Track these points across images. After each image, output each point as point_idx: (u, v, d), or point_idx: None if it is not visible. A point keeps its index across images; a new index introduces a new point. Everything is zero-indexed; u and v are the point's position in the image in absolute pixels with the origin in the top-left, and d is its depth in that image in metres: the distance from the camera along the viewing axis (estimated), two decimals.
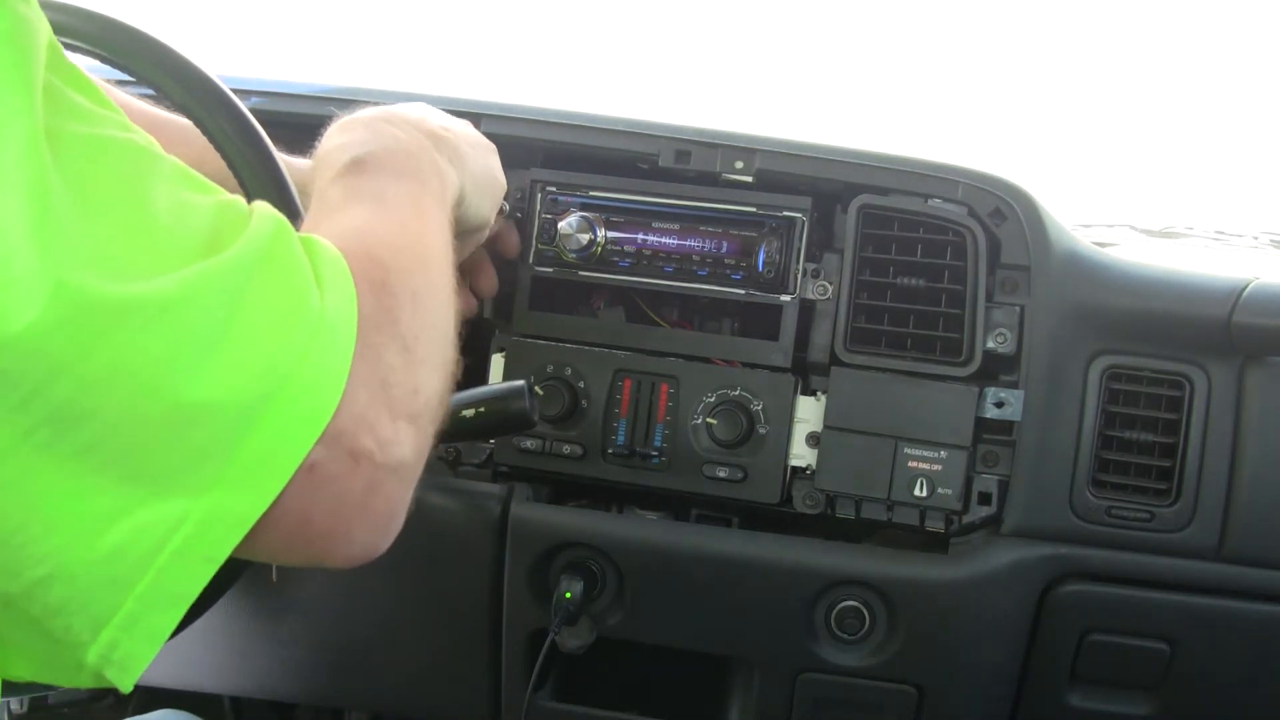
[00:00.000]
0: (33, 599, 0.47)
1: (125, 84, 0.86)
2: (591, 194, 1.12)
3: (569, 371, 1.11)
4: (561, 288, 1.14)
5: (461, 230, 0.87)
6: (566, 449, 1.11)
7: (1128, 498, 1.06)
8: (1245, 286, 1.03)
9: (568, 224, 1.10)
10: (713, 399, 1.09)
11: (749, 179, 1.10)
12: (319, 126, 0.78)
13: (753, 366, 1.09)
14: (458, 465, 1.16)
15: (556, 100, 1.16)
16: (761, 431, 1.08)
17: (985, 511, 1.06)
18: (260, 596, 1.19)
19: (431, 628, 1.19)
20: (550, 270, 1.13)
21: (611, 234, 1.11)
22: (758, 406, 1.08)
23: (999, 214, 1.07)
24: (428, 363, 0.60)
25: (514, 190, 1.14)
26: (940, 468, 1.05)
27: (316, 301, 0.52)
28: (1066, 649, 1.10)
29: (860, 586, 1.08)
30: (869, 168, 1.09)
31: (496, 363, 1.14)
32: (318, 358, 0.52)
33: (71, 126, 0.48)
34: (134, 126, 0.52)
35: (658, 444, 1.10)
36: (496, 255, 1.14)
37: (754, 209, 1.09)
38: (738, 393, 1.08)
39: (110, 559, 0.47)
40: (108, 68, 0.80)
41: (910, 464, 1.06)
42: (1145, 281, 1.08)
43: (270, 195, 0.76)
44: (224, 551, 0.49)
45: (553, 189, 1.13)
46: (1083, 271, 1.07)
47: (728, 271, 1.09)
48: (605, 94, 2.05)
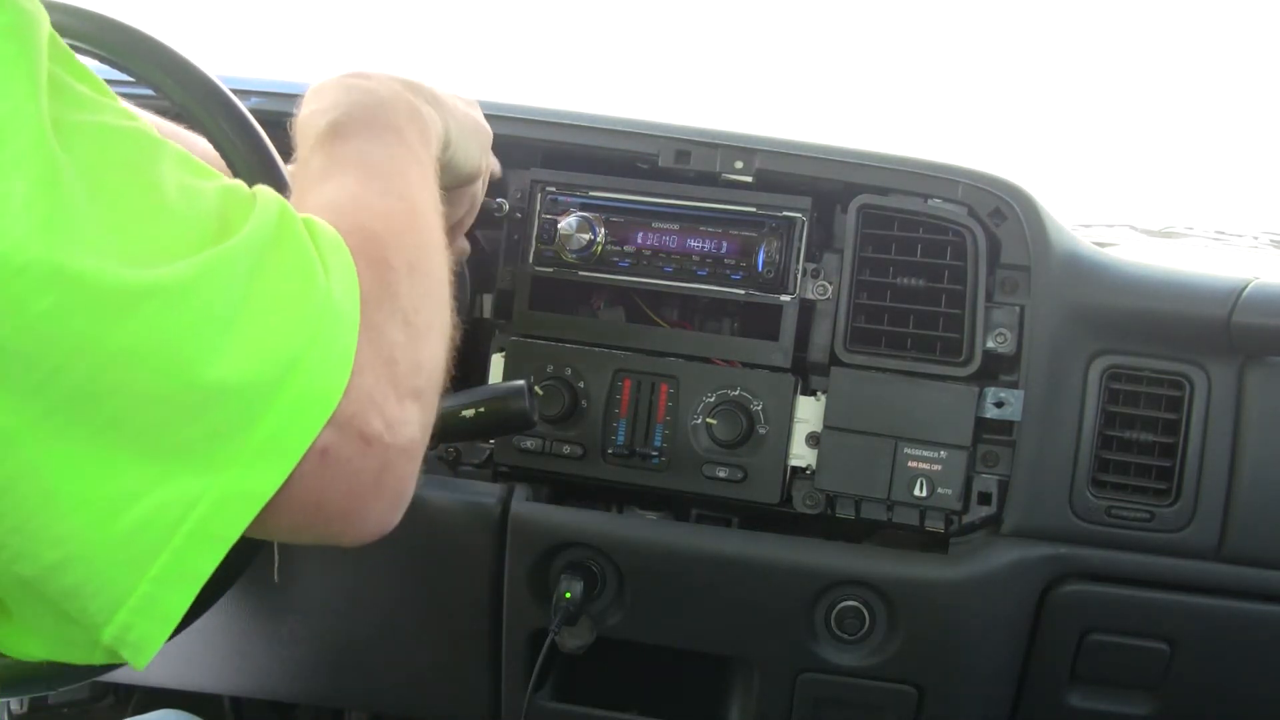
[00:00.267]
0: (49, 581, 0.48)
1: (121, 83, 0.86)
2: (591, 194, 1.12)
3: (569, 371, 1.11)
4: (561, 288, 1.14)
5: (453, 180, 0.86)
6: (566, 449, 1.11)
7: (1128, 498, 1.06)
8: (1245, 286, 1.03)
9: (567, 224, 1.10)
10: (712, 399, 1.09)
11: (749, 179, 1.10)
12: None
13: (752, 366, 1.09)
14: (458, 465, 1.16)
15: (556, 100, 1.16)
16: (761, 431, 1.08)
17: (985, 511, 1.06)
18: (260, 596, 1.19)
19: (431, 628, 1.19)
20: (550, 270, 1.13)
21: (611, 234, 1.11)
22: (758, 406, 1.08)
23: (999, 214, 1.07)
24: (429, 332, 0.62)
25: (514, 190, 1.14)
26: (940, 468, 1.05)
27: (323, 283, 0.53)
28: (1066, 649, 1.10)
29: (860, 586, 1.08)
30: (869, 168, 1.09)
31: (496, 363, 1.14)
32: (326, 339, 0.53)
33: (77, 115, 0.48)
34: (134, 114, 0.53)
35: (658, 444, 1.10)
36: (496, 255, 1.14)
37: (754, 209, 1.09)
38: (738, 393, 1.08)
39: (127, 540, 0.48)
40: (107, 68, 0.80)
41: (910, 464, 1.06)
42: (1145, 281, 1.08)
43: (264, 179, 0.75)
44: (237, 530, 0.50)
45: (552, 189, 1.13)
46: (1083, 271, 1.07)
47: (727, 271, 1.09)
48: (605, 94, 2.05)
